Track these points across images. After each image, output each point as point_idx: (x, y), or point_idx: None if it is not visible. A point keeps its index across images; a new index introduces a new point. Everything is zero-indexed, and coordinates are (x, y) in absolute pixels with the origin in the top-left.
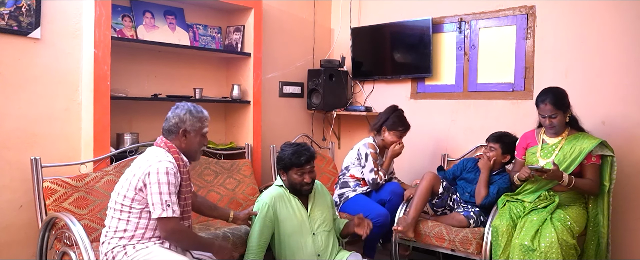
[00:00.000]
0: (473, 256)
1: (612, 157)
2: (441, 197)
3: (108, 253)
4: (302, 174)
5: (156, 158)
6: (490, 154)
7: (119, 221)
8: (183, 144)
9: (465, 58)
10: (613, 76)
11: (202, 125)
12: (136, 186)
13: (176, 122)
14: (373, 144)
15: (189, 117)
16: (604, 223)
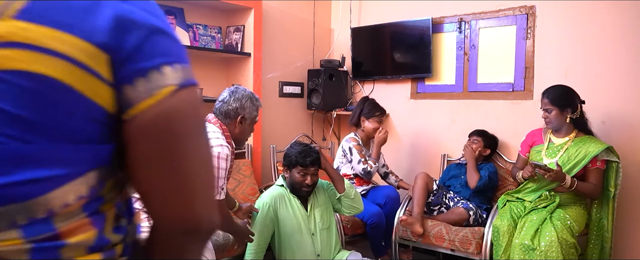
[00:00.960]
0: (473, 256)
1: (617, 163)
2: (436, 195)
3: None
4: (304, 175)
5: (216, 139)
6: (474, 146)
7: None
8: (237, 130)
9: (465, 58)
10: (613, 76)
11: (257, 114)
12: None
13: (236, 107)
14: (354, 137)
15: (250, 104)
16: (608, 228)
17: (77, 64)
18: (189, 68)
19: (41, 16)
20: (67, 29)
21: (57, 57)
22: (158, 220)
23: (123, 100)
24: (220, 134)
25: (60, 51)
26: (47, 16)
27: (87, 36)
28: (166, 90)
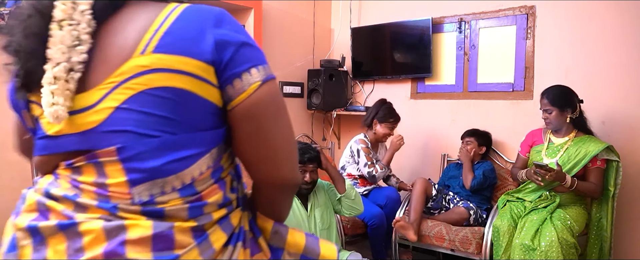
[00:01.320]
0: (473, 256)
1: (617, 163)
2: (436, 199)
3: None
4: (303, 172)
5: None
6: (468, 147)
7: None
8: None
9: (465, 58)
10: (613, 76)
11: None
12: None
13: None
14: (364, 139)
15: None
16: (608, 227)
17: (196, 77)
18: (268, 67)
19: (169, 49)
20: (186, 54)
21: (184, 74)
22: (256, 180)
23: (226, 97)
24: None
25: (184, 70)
26: (173, 48)
27: (199, 57)
28: (254, 86)
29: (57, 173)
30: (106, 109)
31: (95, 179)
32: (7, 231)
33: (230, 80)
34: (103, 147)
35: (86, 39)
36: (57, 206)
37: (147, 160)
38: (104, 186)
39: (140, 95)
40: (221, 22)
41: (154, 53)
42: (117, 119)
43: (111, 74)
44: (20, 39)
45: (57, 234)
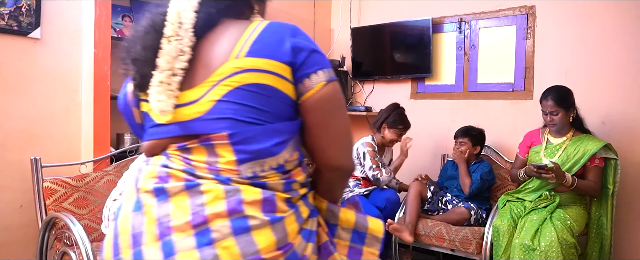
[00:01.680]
0: (473, 256)
1: (616, 160)
2: (431, 202)
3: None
4: None
5: None
6: (462, 148)
7: None
8: None
9: (465, 58)
10: (613, 76)
11: None
12: None
13: None
14: (370, 143)
15: None
16: (608, 226)
17: (278, 75)
18: (332, 70)
19: (258, 53)
20: (271, 57)
21: (269, 73)
22: (319, 165)
23: (298, 92)
24: None
25: (269, 70)
26: (261, 53)
27: (280, 59)
28: (320, 84)
29: (168, 153)
30: (209, 101)
31: (206, 158)
32: (129, 196)
33: (302, 78)
34: (209, 131)
35: (187, 51)
36: (178, 174)
37: (252, 144)
38: (214, 163)
39: (236, 90)
40: (296, 33)
41: (246, 57)
42: (219, 109)
43: (211, 75)
44: (139, 50)
45: (181, 192)
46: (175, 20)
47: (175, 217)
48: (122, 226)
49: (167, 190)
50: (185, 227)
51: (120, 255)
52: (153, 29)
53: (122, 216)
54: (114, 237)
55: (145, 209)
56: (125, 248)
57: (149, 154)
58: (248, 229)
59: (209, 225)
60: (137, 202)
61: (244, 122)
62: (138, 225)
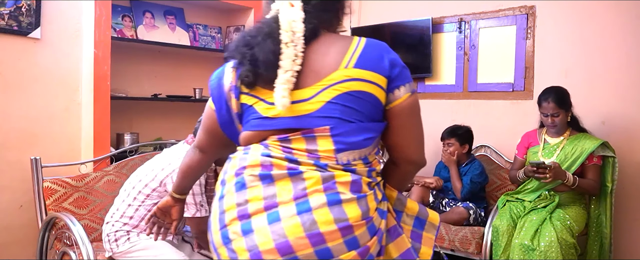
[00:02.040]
0: (473, 256)
1: (613, 158)
2: (433, 206)
3: (110, 235)
4: None
5: None
6: (450, 150)
7: (129, 207)
8: None
9: (465, 58)
10: (613, 76)
11: None
12: (162, 180)
13: None
14: None
15: None
16: (607, 224)
17: (377, 85)
18: (413, 83)
19: (364, 66)
20: (374, 70)
21: (371, 83)
22: (397, 159)
23: (388, 100)
24: None
25: (372, 80)
26: (366, 65)
27: (380, 72)
28: (406, 96)
29: (267, 143)
30: (320, 101)
31: (306, 147)
32: (229, 179)
33: (393, 89)
34: (315, 126)
35: (301, 55)
36: (280, 162)
37: (349, 137)
38: (314, 152)
39: (344, 95)
40: (389, 50)
41: (354, 68)
42: (328, 109)
43: (321, 79)
44: (259, 53)
45: (285, 178)
46: (289, 28)
47: (280, 196)
48: (227, 204)
49: (272, 177)
50: (287, 202)
51: (227, 228)
52: (270, 36)
53: (226, 195)
54: (219, 213)
55: (249, 188)
56: (232, 221)
57: (245, 143)
58: (340, 202)
59: (308, 197)
60: (241, 183)
61: (344, 120)
62: (244, 202)
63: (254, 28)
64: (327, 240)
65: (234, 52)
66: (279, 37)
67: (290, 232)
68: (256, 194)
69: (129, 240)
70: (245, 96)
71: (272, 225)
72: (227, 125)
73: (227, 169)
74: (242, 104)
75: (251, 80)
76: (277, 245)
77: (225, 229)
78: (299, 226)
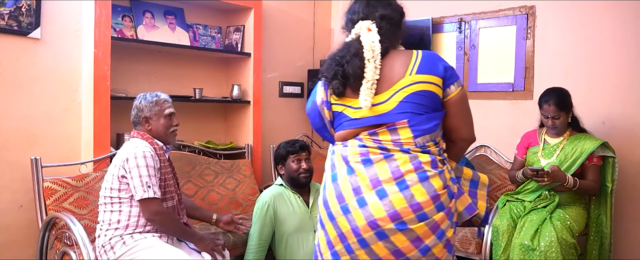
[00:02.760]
0: (473, 256)
1: (613, 158)
2: None
3: (105, 245)
4: (299, 161)
5: (133, 146)
6: None
7: (112, 213)
8: (152, 129)
9: (465, 58)
10: (613, 76)
11: (161, 108)
12: (118, 175)
13: (136, 113)
14: None
15: (145, 103)
16: (607, 224)
17: (436, 84)
18: (460, 79)
19: (424, 71)
20: (431, 73)
21: (431, 84)
22: (455, 138)
23: (444, 94)
24: (140, 140)
25: (432, 81)
26: (426, 71)
27: (436, 74)
28: (457, 90)
29: (360, 137)
30: (395, 102)
31: (391, 138)
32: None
33: (447, 85)
34: (394, 120)
35: (379, 68)
36: (374, 150)
37: (422, 125)
38: (397, 140)
39: (412, 94)
40: (441, 59)
41: (417, 74)
42: (401, 106)
43: (393, 85)
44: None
45: (381, 160)
46: (370, 48)
47: (381, 175)
48: (342, 185)
49: (371, 160)
50: (389, 180)
51: (345, 202)
52: (356, 55)
53: (340, 179)
54: (337, 193)
55: (357, 172)
56: (349, 197)
57: (341, 139)
58: (427, 178)
59: (404, 177)
60: (350, 168)
61: (416, 113)
62: (355, 182)
63: (341, 48)
64: (423, 207)
65: (328, 71)
66: (363, 55)
67: (397, 204)
68: (362, 175)
69: (125, 244)
70: (335, 106)
71: (382, 200)
72: (320, 129)
73: (333, 158)
74: (333, 112)
75: (341, 91)
76: (388, 214)
77: (344, 203)
78: (403, 199)
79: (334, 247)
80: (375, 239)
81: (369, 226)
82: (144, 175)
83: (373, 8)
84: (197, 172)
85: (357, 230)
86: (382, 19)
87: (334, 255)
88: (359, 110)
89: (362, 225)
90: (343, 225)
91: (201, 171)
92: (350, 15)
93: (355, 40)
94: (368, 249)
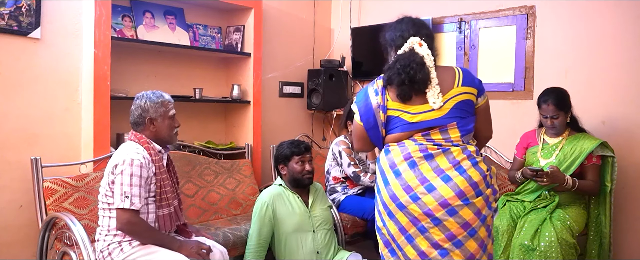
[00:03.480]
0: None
1: (612, 158)
2: None
3: (104, 250)
4: (302, 162)
5: (125, 152)
6: None
7: (110, 219)
8: (153, 132)
9: (465, 58)
10: (613, 76)
11: (166, 109)
12: (108, 181)
13: (140, 113)
14: (344, 141)
15: (150, 104)
16: (606, 223)
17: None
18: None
19: (466, 84)
20: (471, 86)
21: (470, 94)
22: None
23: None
24: (136, 144)
25: (471, 92)
26: (467, 83)
27: (474, 86)
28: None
29: (414, 138)
30: (446, 108)
31: (442, 137)
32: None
33: (479, 96)
34: (445, 123)
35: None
36: (431, 146)
37: (466, 126)
38: (448, 138)
39: (460, 102)
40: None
41: (462, 86)
42: (451, 112)
43: (445, 94)
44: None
45: (440, 154)
46: (429, 60)
47: (442, 165)
48: (407, 178)
49: (432, 154)
50: (450, 168)
51: (413, 191)
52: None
53: (404, 174)
54: (404, 186)
55: (420, 165)
56: (417, 186)
57: (394, 140)
58: (477, 163)
59: (461, 164)
60: (412, 162)
61: (461, 117)
62: (419, 173)
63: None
64: (479, 185)
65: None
66: (427, 65)
67: (460, 184)
68: (426, 167)
69: (123, 251)
70: (391, 111)
71: (448, 183)
72: (372, 129)
73: (391, 157)
74: (388, 116)
75: (409, 96)
76: (456, 193)
77: (412, 192)
78: (464, 180)
79: (407, 231)
80: (447, 216)
81: (440, 206)
82: (126, 184)
83: (419, 28)
84: (197, 172)
85: (429, 212)
86: (427, 37)
87: (408, 239)
88: (416, 116)
89: (434, 206)
90: (414, 211)
91: (201, 171)
92: (400, 32)
93: (414, 52)
94: (441, 226)
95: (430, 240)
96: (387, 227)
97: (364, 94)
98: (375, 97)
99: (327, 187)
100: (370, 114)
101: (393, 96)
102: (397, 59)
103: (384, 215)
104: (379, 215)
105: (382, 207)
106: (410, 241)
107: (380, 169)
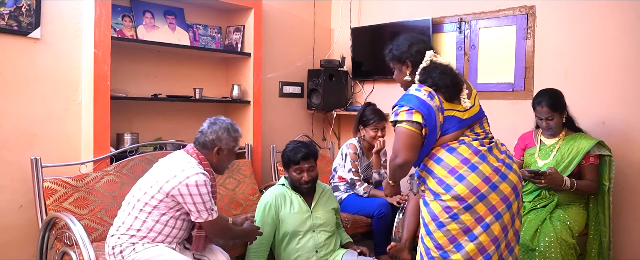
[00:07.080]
0: None
1: (610, 157)
2: None
3: (116, 246)
4: (300, 172)
5: (191, 169)
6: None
7: (136, 219)
8: (215, 160)
9: (465, 58)
10: (613, 76)
11: (236, 144)
12: (168, 192)
13: (213, 139)
14: (354, 144)
15: (226, 136)
16: (606, 222)
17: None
18: None
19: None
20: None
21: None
22: None
23: None
24: (196, 163)
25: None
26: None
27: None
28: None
29: (467, 134)
30: (477, 106)
31: (481, 130)
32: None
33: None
34: (483, 117)
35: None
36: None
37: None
38: (485, 130)
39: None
40: None
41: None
42: (480, 109)
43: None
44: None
45: (494, 147)
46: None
47: (498, 155)
48: (484, 170)
49: (490, 147)
50: (505, 157)
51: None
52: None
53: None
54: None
55: (488, 158)
56: (493, 176)
57: (452, 139)
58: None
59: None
60: (482, 156)
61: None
62: (491, 165)
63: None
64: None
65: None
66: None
67: (514, 179)
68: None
69: (134, 251)
70: (447, 111)
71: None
72: (431, 131)
73: (460, 153)
74: (446, 117)
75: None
76: (519, 177)
77: (491, 182)
78: (514, 174)
79: (484, 219)
80: (515, 198)
81: (513, 191)
82: (207, 201)
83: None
84: None
85: (505, 197)
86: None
87: (484, 227)
88: (465, 112)
89: (508, 192)
90: (493, 199)
91: None
92: (417, 47)
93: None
94: (510, 209)
95: (501, 225)
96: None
97: (417, 100)
98: (431, 101)
99: (331, 184)
100: (432, 117)
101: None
102: (434, 66)
103: (455, 210)
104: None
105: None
106: (485, 228)
107: (448, 168)
